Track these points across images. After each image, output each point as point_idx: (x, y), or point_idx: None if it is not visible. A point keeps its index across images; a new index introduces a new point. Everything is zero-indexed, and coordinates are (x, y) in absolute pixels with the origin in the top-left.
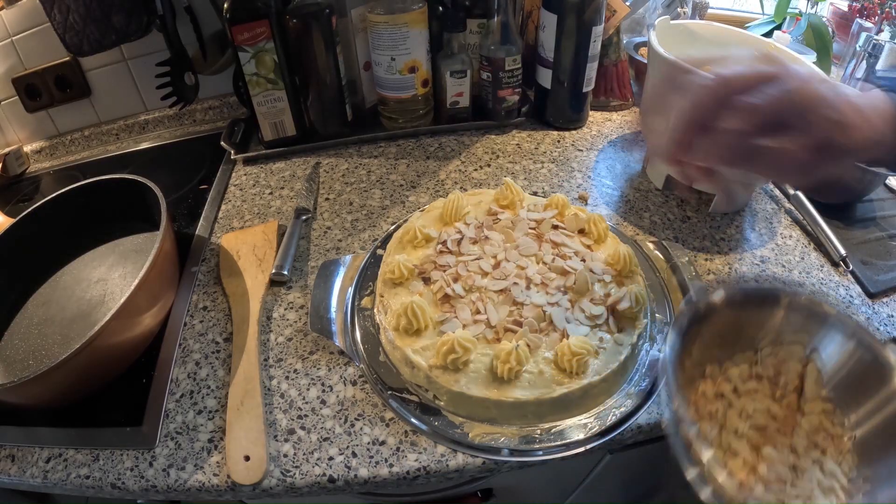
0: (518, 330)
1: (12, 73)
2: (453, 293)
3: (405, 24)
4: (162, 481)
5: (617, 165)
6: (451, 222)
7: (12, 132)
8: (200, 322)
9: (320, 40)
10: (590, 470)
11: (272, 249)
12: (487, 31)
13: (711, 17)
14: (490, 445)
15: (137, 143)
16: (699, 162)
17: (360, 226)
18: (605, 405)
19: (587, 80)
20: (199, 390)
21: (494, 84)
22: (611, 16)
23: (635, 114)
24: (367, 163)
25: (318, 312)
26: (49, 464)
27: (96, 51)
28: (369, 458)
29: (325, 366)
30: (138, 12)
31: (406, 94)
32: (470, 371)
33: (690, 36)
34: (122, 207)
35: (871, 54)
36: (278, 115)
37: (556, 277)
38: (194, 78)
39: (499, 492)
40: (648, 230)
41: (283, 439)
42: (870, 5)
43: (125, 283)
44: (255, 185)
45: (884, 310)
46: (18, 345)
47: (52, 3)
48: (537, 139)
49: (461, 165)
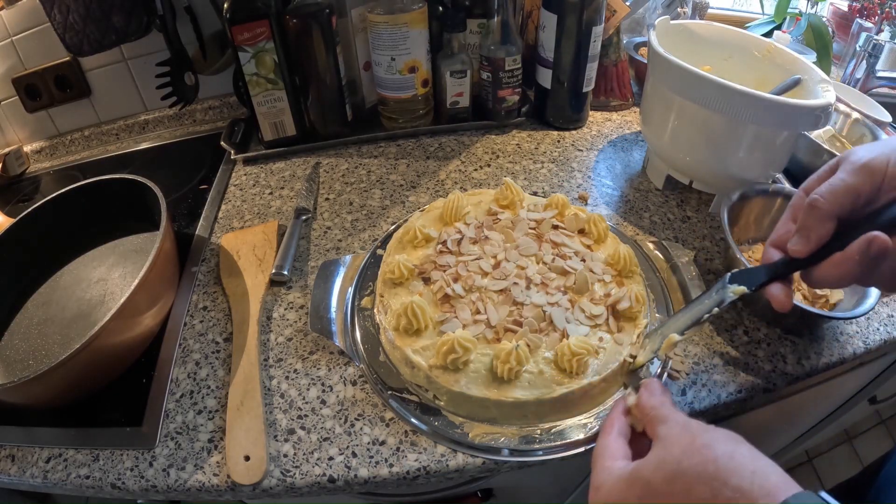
0: (518, 330)
1: (12, 73)
2: (453, 293)
3: (405, 24)
4: (162, 481)
5: (617, 165)
6: (451, 222)
7: (12, 132)
8: (200, 322)
9: (320, 40)
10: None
11: (272, 249)
12: (487, 31)
13: (711, 17)
14: (490, 445)
15: (137, 143)
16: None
17: (360, 226)
18: (605, 405)
19: (587, 80)
20: (199, 390)
21: (494, 84)
22: (611, 16)
23: (635, 114)
24: (367, 163)
25: (318, 312)
26: (49, 464)
27: (96, 51)
28: (369, 458)
29: (325, 366)
30: (138, 12)
31: (406, 94)
32: (470, 371)
33: (690, 36)
34: (122, 207)
35: (871, 54)
36: (278, 115)
37: (556, 277)
38: (194, 78)
39: (499, 492)
40: (648, 230)
41: (283, 439)
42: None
43: (125, 283)
44: (255, 185)
45: (884, 310)
46: (18, 345)
47: (52, 3)
48: (537, 139)
49: (461, 165)
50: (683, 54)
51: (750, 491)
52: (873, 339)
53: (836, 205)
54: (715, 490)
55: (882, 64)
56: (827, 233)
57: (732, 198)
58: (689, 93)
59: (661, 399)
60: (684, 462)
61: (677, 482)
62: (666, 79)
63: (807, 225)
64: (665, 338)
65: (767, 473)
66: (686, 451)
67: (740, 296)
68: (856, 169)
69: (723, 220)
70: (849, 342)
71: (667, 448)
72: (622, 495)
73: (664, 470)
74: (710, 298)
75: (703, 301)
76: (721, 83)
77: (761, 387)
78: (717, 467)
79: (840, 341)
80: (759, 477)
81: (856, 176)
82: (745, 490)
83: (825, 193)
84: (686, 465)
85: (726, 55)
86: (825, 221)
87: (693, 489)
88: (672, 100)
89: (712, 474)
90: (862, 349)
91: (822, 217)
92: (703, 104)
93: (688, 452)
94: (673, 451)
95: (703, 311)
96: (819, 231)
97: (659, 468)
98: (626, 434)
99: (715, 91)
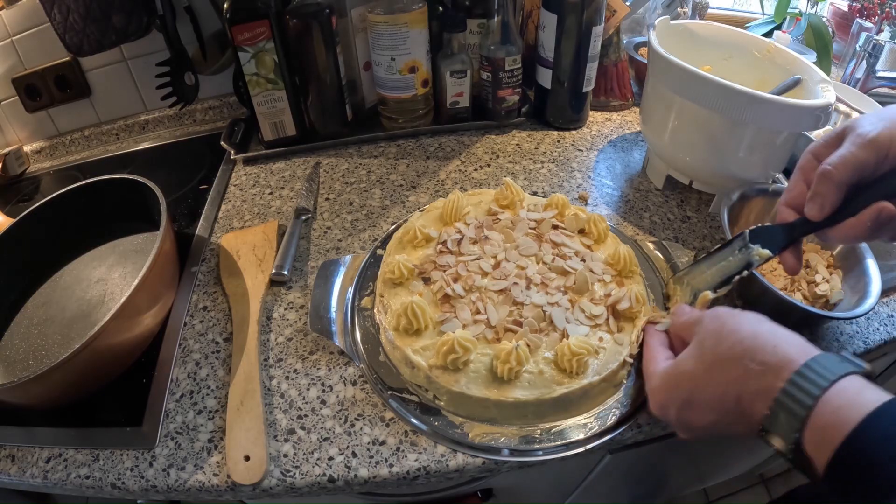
0: (518, 330)
1: (12, 73)
2: (453, 293)
3: (405, 24)
4: (162, 481)
5: (617, 165)
6: (451, 222)
7: (12, 132)
8: (200, 322)
9: (320, 40)
10: (590, 470)
11: (272, 249)
12: (487, 31)
13: (711, 17)
14: (490, 445)
15: (137, 143)
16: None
17: (360, 226)
18: (605, 405)
19: (587, 80)
20: (199, 390)
21: (494, 84)
22: (611, 16)
23: (635, 114)
24: (367, 163)
25: (318, 312)
26: (49, 464)
27: (96, 51)
28: (369, 458)
29: (325, 366)
30: (138, 12)
31: (406, 94)
32: (470, 371)
33: (690, 36)
34: (122, 207)
35: (871, 54)
36: (278, 115)
37: (556, 277)
38: (194, 78)
39: (499, 492)
40: (648, 230)
41: (283, 439)
42: (870, 5)
43: (125, 283)
44: (255, 185)
45: (884, 310)
46: (18, 345)
47: (52, 3)
48: (537, 139)
49: (461, 165)
50: (683, 54)
51: (774, 362)
52: (873, 339)
53: (846, 175)
54: (745, 367)
55: (882, 64)
56: (838, 199)
57: (732, 198)
58: (689, 93)
59: (691, 312)
60: (717, 349)
61: (715, 368)
62: (666, 79)
63: (821, 192)
64: (696, 291)
65: (788, 345)
66: (717, 338)
67: (766, 259)
68: (864, 143)
69: (723, 220)
70: (849, 342)
71: (701, 340)
72: (676, 389)
73: (704, 360)
74: (735, 256)
75: (726, 257)
76: (721, 83)
77: None
78: (743, 347)
79: (840, 341)
80: (780, 350)
81: (864, 150)
82: (769, 363)
83: (837, 164)
84: (720, 351)
85: (726, 55)
86: (837, 189)
87: (728, 370)
88: (672, 100)
89: (741, 354)
90: (862, 349)
91: (834, 185)
92: (703, 104)
93: (719, 339)
94: (707, 341)
95: (730, 269)
96: (832, 198)
97: (699, 359)
98: (664, 343)
99: (715, 91)
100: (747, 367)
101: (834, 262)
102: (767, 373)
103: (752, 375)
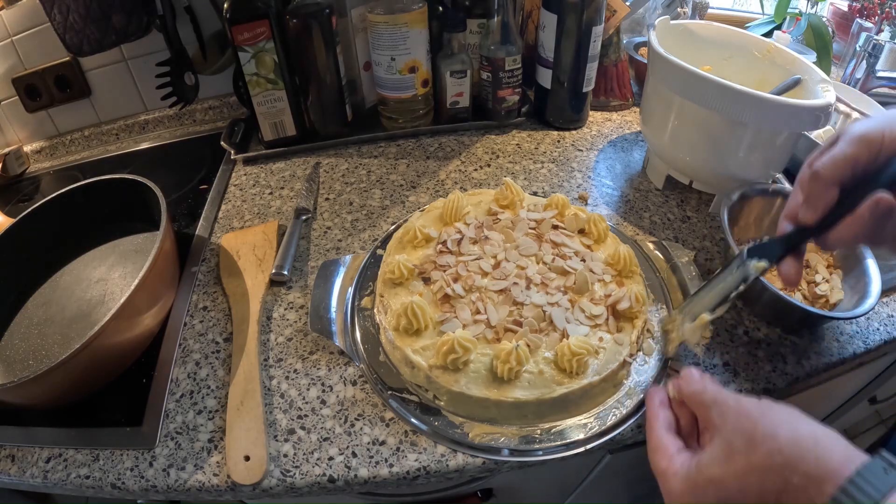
0: (518, 330)
1: (12, 73)
2: (453, 293)
3: (405, 24)
4: (162, 481)
5: (617, 165)
6: (451, 222)
7: (12, 132)
8: (200, 322)
9: (320, 40)
10: (590, 470)
11: (272, 249)
12: (487, 31)
13: (711, 17)
14: (490, 445)
15: (137, 143)
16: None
17: (360, 226)
18: (605, 405)
19: (587, 80)
20: (199, 390)
21: (494, 84)
22: (611, 16)
23: (635, 114)
24: (367, 163)
25: (318, 312)
26: (49, 464)
27: (96, 51)
28: (369, 458)
29: (325, 366)
30: (138, 12)
31: (406, 94)
32: (470, 371)
33: (690, 36)
34: (122, 207)
35: (871, 54)
36: (278, 115)
37: (556, 277)
38: (194, 78)
39: (499, 492)
40: (648, 230)
41: (283, 439)
42: (870, 5)
43: (125, 283)
44: (255, 185)
45: (884, 310)
46: (18, 345)
47: (52, 3)
48: (537, 139)
49: (461, 165)
50: (683, 54)
51: (817, 475)
52: (873, 339)
53: (836, 172)
54: (785, 479)
55: (882, 64)
56: (832, 199)
57: (732, 198)
58: (689, 93)
59: (702, 383)
60: (752, 456)
61: (749, 477)
62: (666, 79)
63: (812, 194)
64: (694, 316)
65: (830, 452)
66: (750, 442)
67: (762, 271)
68: (854, 139)
69: (723, 220)
70: (849, 342)
71: (729, 440)
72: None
73: (734, 467)
74: (732, 275)
75: (724, 278)
76: (721, 83)
77: (761, 387)
78: (783, 457)
79: (840, 341)
80: (823, 460)
81: (854, 146)
82: (811, 475)
83: (826, 162)
84: (755, 460)
85: (726, 55)
86: (829, 189)
87: (765, 482)
88: (672, 100)
89: (781, 465)
90: (862, 349)
91: (825, 185)
92: (703, 104)
93: (752, 444)
94: (737, 443)
95: (728, 288)
96: (824, 198)
97: (729, 464)
98: (671, 424)
99: (715, 91)
100: (788, 480)
101: (834, 263)
102: (809, 486)
103: (791, 489)
